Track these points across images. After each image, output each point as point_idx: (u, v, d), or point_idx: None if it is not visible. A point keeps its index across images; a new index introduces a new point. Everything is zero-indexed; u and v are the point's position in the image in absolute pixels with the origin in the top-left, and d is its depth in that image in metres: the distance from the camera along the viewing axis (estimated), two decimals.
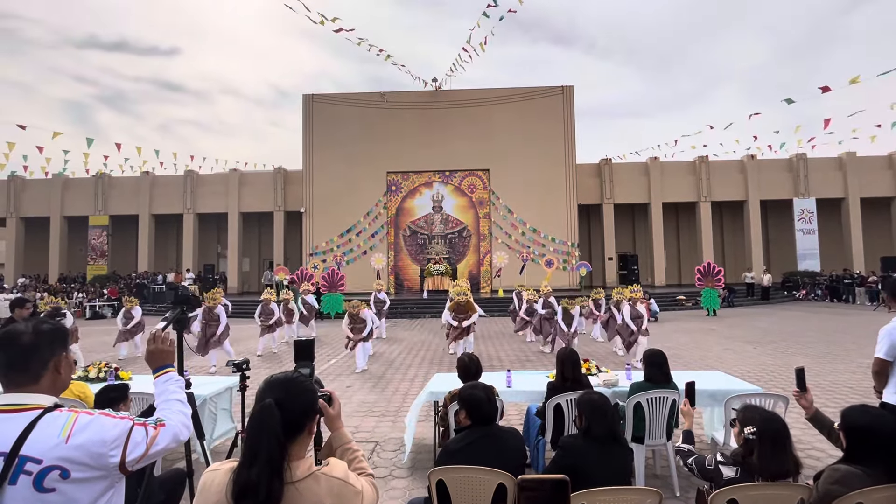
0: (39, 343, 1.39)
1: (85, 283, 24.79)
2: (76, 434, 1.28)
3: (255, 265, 28.35)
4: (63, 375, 1.45)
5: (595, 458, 2.59)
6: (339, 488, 1.24)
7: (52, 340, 1.42)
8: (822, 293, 23.20)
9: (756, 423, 2.30)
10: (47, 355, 1.40)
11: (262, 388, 1.31)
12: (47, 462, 1.24)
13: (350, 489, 1.26)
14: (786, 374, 8.03)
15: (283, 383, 1.32)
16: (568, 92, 24.31)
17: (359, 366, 8.70)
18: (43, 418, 1.29)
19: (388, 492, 3.97)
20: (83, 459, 1.27)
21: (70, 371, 1.50)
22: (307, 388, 1.35)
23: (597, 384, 4.38)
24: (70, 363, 1.49)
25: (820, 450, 4.63)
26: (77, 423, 1.30)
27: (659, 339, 11.49)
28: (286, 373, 1.38)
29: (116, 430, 1.33)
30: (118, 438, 1.32)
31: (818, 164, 25.46)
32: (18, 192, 26.70)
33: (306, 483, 1.22)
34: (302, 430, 1.29)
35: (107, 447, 1.30)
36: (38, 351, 1.39)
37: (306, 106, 24.74)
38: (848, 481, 2.05)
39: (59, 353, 1.43)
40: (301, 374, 1.41)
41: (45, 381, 1.39)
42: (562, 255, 23.35)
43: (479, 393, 2.74)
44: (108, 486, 1.33)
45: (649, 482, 3.87)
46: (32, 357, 1.38)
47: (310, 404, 1.33)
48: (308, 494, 1.20)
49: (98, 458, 1.29)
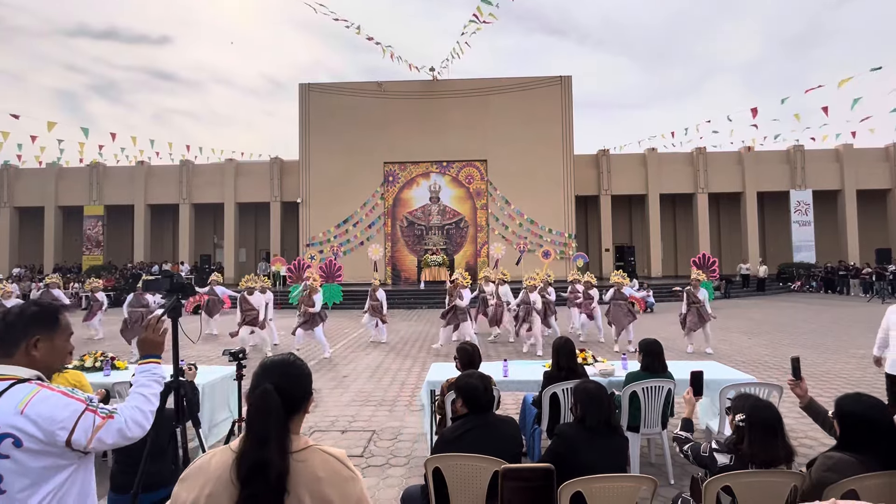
0: (17, 322, 1.50)
1: (80, 273, 24.68)
2: (31, 406, 1.34)
3: (252, 256, 28.26)
4: (39, 357, 1.50)
5: (590, 446, 2.60)
6: (333, 464, 1.25)
7: (28, 322, 1.50)
8: (817, 285, 23.35)
9: (746, 410, 2.33)
10: (20, 335, 1.48)
11: (258, 372, 1.32)
12: (2, 429, 1.31)
13: (345, 471, 1.26)
14: (780, 364, 8.10)
15: (281, 367, 1.33)
16: (566, 82, 24.17)
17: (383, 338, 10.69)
18: (12, 388, 1.38)
19: (384, 480, 4.00)
20: (32, 432, 1.32)
21: (52, 354, 1.53)
22: (302, 371, 1.36)
23: (593, 374, 4.41)
24: (52, 347, 1.53)
25: (813, 438, 4.68)
26: (36, 396, 1.36)
27: (655, 330, 11.54)
28: (282, 356, 1.39)
29: (67, 410, 1.37)
30: (67, 420, 1.36)
31: (815, 156, 25.47)
32: (12, 182, 26.46)
33: (302, 454, 1.23)
34: (299, 410, 1.32)
35: (55, 425, 1.34)
36: (13, 330, 1.49)
37: (302, 95, 24.52)
38: (841, 468, 2.07)
39: (32, 334, 1.49)
40: (294, 356, 1.40)
41: (19, 358, 1.47)
42: (559, 247, 23.38)
43: (475, 381, 2.75)
44: (65, 462, 1.38)
45: (644, 470, 3.90)
46: (8, 333, 1.48)
47: (305, 386, 1.35)
48: (303, 466, 1.21)
49: (47, 434, 1.34)
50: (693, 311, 9.26)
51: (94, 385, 3.86)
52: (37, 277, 23.29)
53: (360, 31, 21.65)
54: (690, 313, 9.31)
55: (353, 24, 21.09)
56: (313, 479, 1.20)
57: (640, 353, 4.06)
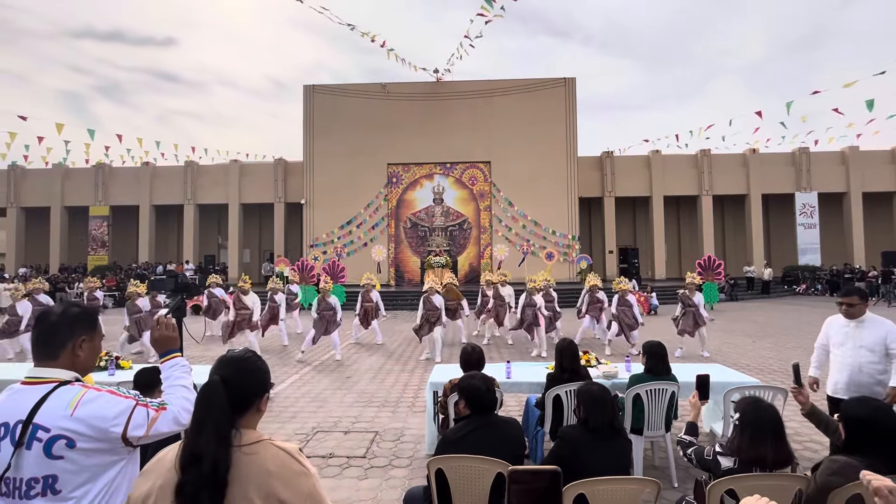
0: (61, 323, 1.51)
1: (86, 273, 24.80)
2: (81, 407, 1.37)
3: (256, 256, 28.36)
4: (83, 357, 1.53)
5: (593, 448, 2.59)
6: (284, 459, 1.23)
7: (72, 323, 1.52)
8: (822, 288, 23.20)
9: (741, 409, 2.34)
10: (66, 336, 1.50)
11: (214, 365, 1.34)
12: (54, 431, 1.33)
13: (296, 465, 1.24)
14: (785, 367, 8.05)
15: (234, 361, 1.35)
16: (570, 84, 24.14)
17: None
18: (56, 391, 1.40)
19: (387, 481, 4.00)
20: (86, 431, 1.35)
21: (93, 355, 1.57)
22: (258, 367, 1.37)
23: (596, 376, 4.39)
24: (93, 347, 1.57)
25: (818, 442, 4.65)
26: (84, 397, 1.39)
27: (659, 332, 11.48)
28: (241, 350, 1.42)
29: (119, 407, 1.41)
30: (119, 416, 1.40)
31: (820, 158, 25.33)
32: (18, 182, 26.64)
33: (253, 448, 1.23)
34: (250, 406, 1.31)
35: (108, 423, 1.38)
36: (59, 331, 1.50)
37: (307, 97, 24.60)
38: (846, 472, 2.05)
39: (78, 335, 1.52)
40: (253, 353, 1.42)
41: (64, 359, 1.49)
42: (562, 248, 23.33)
43: (478, 382, 2.75)
44: (116, 458, 1.42)
45: (647, 473, 3.89)
46: (54, 336, 1.50)
47: (259, 383, 1.35)
48: (252, 459, 1.21)
49: (100, 431, 1.37)
50: (689, 315, 9.16)
51: (99, 385, 3.87)
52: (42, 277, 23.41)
53: (365, 34, 21.69)
54: (685, 317, 9.21)
55: (356, 27, 21.14)
56: (262, 473, 1.20)
57: (643, 355, 4.04)
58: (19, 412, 1.35)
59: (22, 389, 1.41)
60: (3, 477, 1.31)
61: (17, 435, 1.32)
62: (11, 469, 1.31)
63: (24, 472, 1.32)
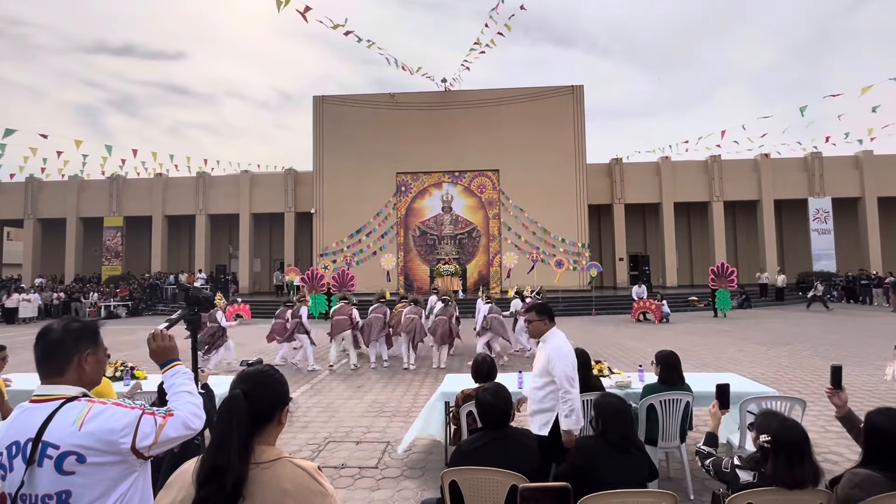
0: (65, 339, 1.50)
1: (100, 283, 25.15)
2: (87, 423, 1.38)
3: (267, 266, 28.57)
4: (89, 371, 1.53)
5: (610, 460, 2.57)
6: (302, 479, 1.23)
7: (77, 337, 1.51)
8: (838, 294, 22.82)
9: (772, 431, 2.20)
10: (72, 351, 1.50)
11: (235, 379, 1.37)
12: (64, 448, 1.35)
13: (314, 485, 1.23)
14: (801, 376, 7.92)
15: (254, 376, 1.37)
16: (578, 91, 24.18)
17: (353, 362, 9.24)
18: (63, 407, 1.41)
19: (399, 492, 3.98)
20: (95, 445, 1.36)
21: (98, 368, 1.57)
22: (276, 379, 1.39)
23: (609, 385, 4.36)
24: (99, 361, 1.56)
25: (838, 454, 4.56)
26: (90, 412, 1.40)
27: (671, 341, 11.39)
28: (260, 366, 1.44)
29: (126, 419, 1.41)
30: (127, 427, 1.40)
31: (834, 163, 25.03)
32: (35, 194, 27.18)
33: (271, 465, 1.23)
34: (271, 419, 1.33)
35: (116, 435, 1.38)
36: (63, 346, 1.50)
37: (316, 107, 24.88)
38: (868, 486, 2.01)
39: (83, 349, 1.52)
40: (270, 366, 1.44)
41: (70, 374, 1.49)
42: (572, 256, 23.22)
43: (488, 398, 2.73)
44: (128, 470, 1.42)
45: (663, 485, 3.83)
46: (58, 351, 1.49)
47: (279, 396, 1.37)
48: (270, 476, 1.21)
49: (109, 444, 1.37)
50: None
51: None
52: (58, 287, 23.79)
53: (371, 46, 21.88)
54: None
55: (364, 40, 21.36)
56: (278, 491, 1.20)
57: (657, 364, 4.01)
58: (28, 431, 1.37)
59: (30, 408, 1.43)
60: (19, 494, 1.34)
61: (28, 453, 1.34)
62: (25, 486, 1.34)
63: (38, 489, 1.34)
